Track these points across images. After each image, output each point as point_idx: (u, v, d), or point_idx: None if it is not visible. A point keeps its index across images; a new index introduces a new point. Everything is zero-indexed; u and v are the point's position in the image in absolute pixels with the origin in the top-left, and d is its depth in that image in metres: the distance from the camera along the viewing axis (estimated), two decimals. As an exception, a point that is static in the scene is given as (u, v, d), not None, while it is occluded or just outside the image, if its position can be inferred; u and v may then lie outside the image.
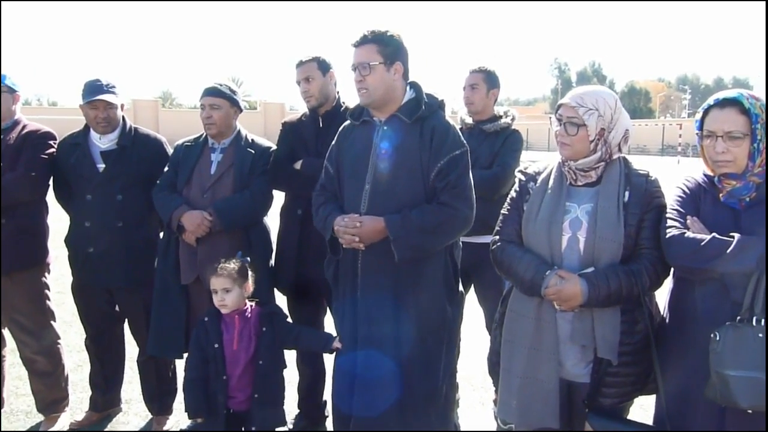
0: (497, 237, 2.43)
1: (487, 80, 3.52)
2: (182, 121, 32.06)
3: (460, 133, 2.62)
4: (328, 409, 3.54)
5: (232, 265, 2.77)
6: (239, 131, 3.25)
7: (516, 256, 2.29)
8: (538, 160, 2.56)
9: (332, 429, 3.31)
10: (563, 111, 2.26)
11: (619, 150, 2.27)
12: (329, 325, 3.29)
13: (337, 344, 2.70)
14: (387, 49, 2.52)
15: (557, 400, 2.23)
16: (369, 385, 2.58)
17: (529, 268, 2.23)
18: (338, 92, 3.23)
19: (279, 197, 3.28)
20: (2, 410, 3.64)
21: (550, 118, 2.36)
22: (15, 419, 3.59)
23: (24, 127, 3.35)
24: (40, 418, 3.52)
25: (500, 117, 3.55)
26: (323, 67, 3.14)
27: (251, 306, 2.84)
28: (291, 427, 3.39)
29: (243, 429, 2.78)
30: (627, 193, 2.21)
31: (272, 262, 3.26)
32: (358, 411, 2.69)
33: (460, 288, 2.76)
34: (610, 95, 2.28)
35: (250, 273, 2.83)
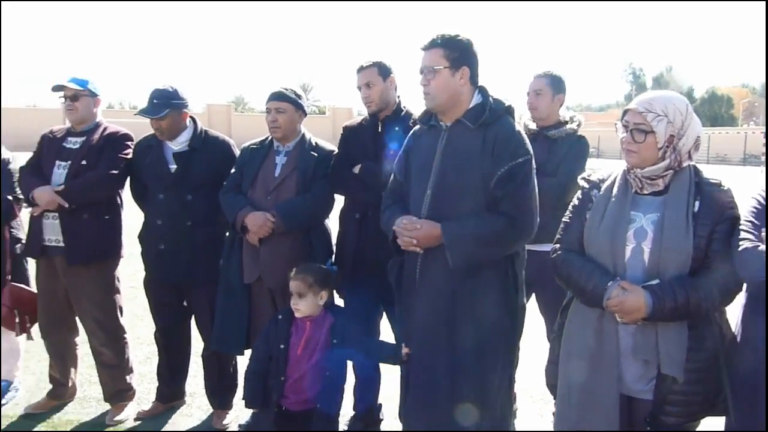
0: (558, 245, 2.37)
1: (552, 85, 3.45)
2: (253, 124, 32.93)
3: (526, 140, 2.57)
4: (383, 413, 3.55)
5: (313, 270, 2.80)
6: (303, 135, 3.31)
7: (577, 266, 2.23)
8: (600, 168, 2.48)
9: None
10: (630, 117, 2.19)
11: (689, 158, 2.18)
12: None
13: (405, 350, 2.66)
14: (453, 53, 2.49)
15: (617, 416, 2.15)
16: (422, 394, 2.56)
17: (590, 278, 2.17)
18: (399, 97, 3.24)
19: (340, 200, 3.32)
20: (76, 396, 3.85)
21: (615, 124, 2.29)
22: (87, 405, 3.78)
23: (105, 129, 3.56)
24: (109, 405, 3.68)
25: (566, 123, 3.47)
26: (384, 72, 3.16)
27: (326, 314, 2.84)
28: (346, 429, 3.41)
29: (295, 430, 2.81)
30: (697, 203, 2.11)
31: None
32: (410, 420, 2.69)
33: (522, 299, 2.69)
34: (681, 100, 2.18)
35: (331, 281, 2.83)
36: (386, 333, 3.34)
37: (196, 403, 3.79)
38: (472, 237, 2.43)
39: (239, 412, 3.63)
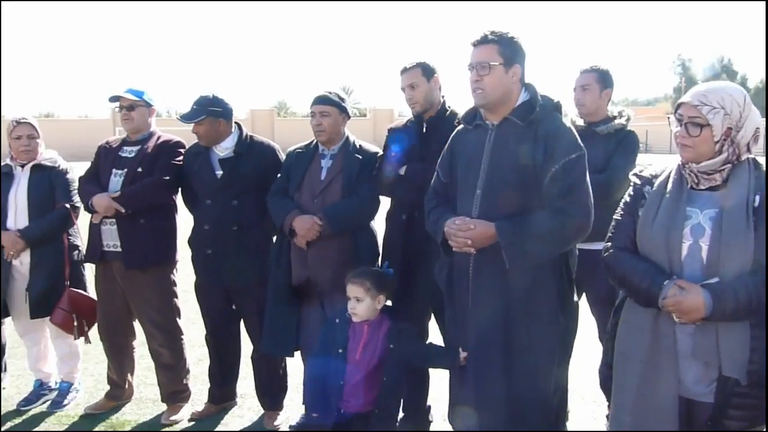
0: (609, 244, 2.31)
1: (599, 80, 3.38)
2: (296, 129, 33.34)
3: (577, 136, 2.52)
4: (432, 414, 3.54)
5: (371, 274, 2.81)
6: (348, 137, 3.33)
7: (630, 265, 2.17)
8: (651, 164, 2.41)
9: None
10: (684, 110, 2.12)
11: (748, 150, 2.09)
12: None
13: (463, 355, 2.63)
14: (507, 50, 2.47)
15: (676, 420, 2.08)
16: (478, 398, 2.54)
17: (645, 277, 2.10)
18: (443, 97, 3.22)
19: (386, 202, 3.32)
20: (133, 397, 3.96)
21: (668, 118, 2.22)
22: (144, 406, 3.89)
23: (159, 137, 3.68)
24: (165, 406, 3.78)
25: (614, 118, 3.39)
26: (427, 72, 3.14)
27: (383, 318, 2.83)
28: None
29: None
30: (757, 198, 2.02)
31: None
32: (463, 423, 2.67)
33: (575, 298, 2.65)
34: (738, 91, 2.10)
35: (388, 285, 2.83)
36: (433, 335, 3.32)
37: (247, 405, 3.85)
38: (528, 236, 2.39)
39: (290, 413, 3.68)
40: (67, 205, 3.77)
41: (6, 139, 3.90)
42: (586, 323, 3.47)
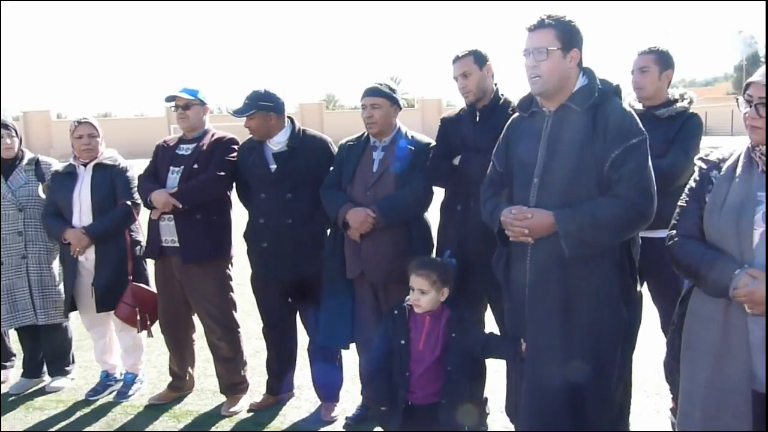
0: (674, 232, 2.22)
1: (659, 61, 3.25)
2: (344, 121, 33.50)
3: (639, 120, 2.44)
4: (489, 407, 3.50)
5: (436, 266, 2.79)
6: (399, 128, 3.31)
7: (697, 253, 2.08)
8: (720, 146, 2.30)
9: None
10: (753, 90, 2.01)
11: (824, 131, 1.97)
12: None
13: (524, 346, 2.59)
14: (565, 34, 2.40)
15: (750, 415, 1.99)
16: (538, 390, 2.50)
17: (713, 266, 2.01)
18: (496, 85, 3.16)
19: (439, 193, 3.29)
20: (194, 389, 4.07)
21: (737, 99, 2.11)
22: (204, 397, 3.99)
23: (213, 135, 3.76)
24: (224, 397, 3.86)
25: (675, 101, 3.25)
26: (480, 60, 3.08)
27: (443, 308, 2.82)
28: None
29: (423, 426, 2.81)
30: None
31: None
32: (522, 417, 2.63)
33: (639, 288, 2.56)
34: None
35: (451, 276, 2.81)
36: (489, 327, 3.28)
37: (305, 396, 3.90)
38: (587, 223, 2.33)
39: (346, 405, 3.71)
40: (129, 202, 3.89)
41: (69, 138, 4.03)
42: (648, 314, 3.37)
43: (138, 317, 3.83)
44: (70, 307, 3.99)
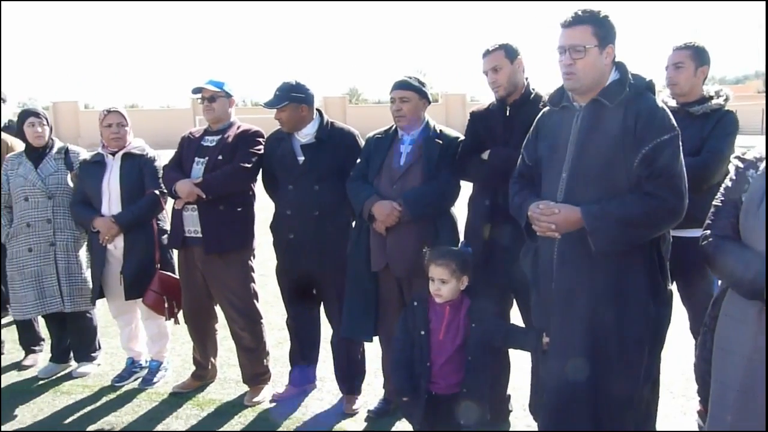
0: (708, 231, 2.17)
1: (694, 57, 3.18)
2: (367, 115, 33.51)
3: (671, 116, 2.39)
4: (512, 404, 3.48)
5: (455, 255, 2.79)
6: (428, 122, 3.29)
7: (733, 254, 2.02)
8: (754, 145, 2.24)
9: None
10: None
11: None
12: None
13: (546, 340, 2.58)
14: (601, 30, 2.35)
15: (783, 419, 1.94)
16: (561, 388, 2.47)
17: (749, 267, 1.96)
18: (527, 79, 3.12)
19: (466, 187, 3.27)
20: (216, 378, 4.11)
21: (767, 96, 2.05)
22: (227, 386, 4.02)
23: (239, 127, 3.77)
24: (247, 387, 3.89)
25: (710, 98, 3.19)
26: (511, 54, 3.04)
27: (463, 297, 2.83)
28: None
29: (446, 415, 2.80)
30: None
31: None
32: (545, 415, 2.60)
33: (669, 286, 2.52)
34: None
35: (469, 264, 2.81)
36: (516, 322, 3.26)
37: (327, 388, 3.92)
38: (615, 219, 2.29)
39: (368, 398, 3.71)
40: (156, 192, 3.93)
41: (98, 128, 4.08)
42: (676, 314, 3.32)
43: (165, 305, 3.88)
44: (98, 295, 4.04)
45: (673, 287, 3.20)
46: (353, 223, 3.45)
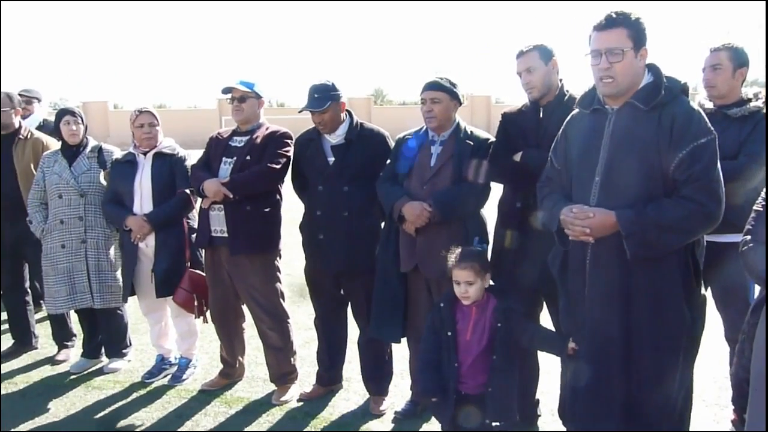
0: (748, 237, 2.13)
1: (733, 58, 3.12)
2: (392, 116, 33.48)
3: (707, 120, 2.35)
4: (540, 408, 3.45)
5: (478, 256, 2.80)
6: (458, 123, 3.28)
7: (774, 260, 1.98)
8: None
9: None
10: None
11: None
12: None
13: (572, 345, 2.57)
14: (635, 32, 2.33)
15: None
16: (594, 394, 2.44)
17: (790, 274, 1.92)
18: (561, 81, 3.09)
19: (496, 189, 3.25)
20: (244, 376, 4.14)
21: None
22: (255, 385, 4.05)
23: (267, 128, 3.78)
24: (274, 386, 3.91)
25: (749, 100, 3.12)
26: (545, 55, 3.01)
27: (489, 297, 2.83)
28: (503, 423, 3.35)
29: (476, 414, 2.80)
30: None
31: (489, 254, 3.24)
32: (577, 422, 2.57)
33: (703, 291, 2.48)
34: None
35: (488, 262, 2.83)
36: (546, 325, 3.22)
37: (353, 388, 3.92)
38: (651, 224, 2.26)
39: (395, 399, 3.70)
40: (187, 191, 3.96)
41: (129, 128, 4.14)
42: (709, 321, 3.26)
43: (195, 303, 3.91)
44: (130, 292, 4.10)
45: (708, 293, 3.16)
46: (383, 224, 3.45)
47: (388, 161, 3.38)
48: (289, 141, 3.76)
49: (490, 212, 3.28)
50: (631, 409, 2.39)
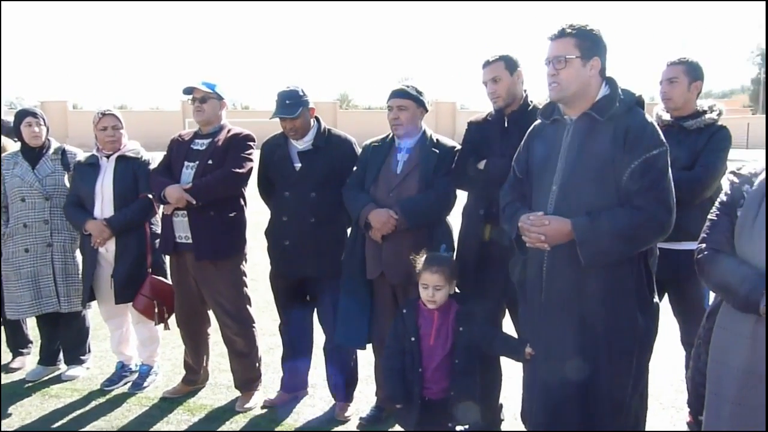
0: (704, 245, 2.20)
1: (688, 72, 3.23)
2: (358, 121, 33.59)
3: (660, 131, 2.43)
4: (504, 413, 3.49)
5: (446, 261, 2.82)
6: (425, 131, 3.31)
7: (728, 268, 2.05)
8: (755, 159, 2.27)
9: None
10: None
11: None
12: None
13: (529, 350, 2.63)
14: (585, 43, 2.41)
15: (777, 431, 1.97)
16: (550, 398, 2.49)
17: (744, 281, 1.99)
18: (525, 91, 3.15)
19: (462, 196, 3.29)
20: (207, 383, 4.08)
21: (752, 111, 2.09)
22: (218, 391, 4.00)
23: (229, 130, 3.74)
24: (238, 392, 3.87)
25: (704, 112, 3.24)
26: (511, 66, 3.07)
27: (451, 302, 2.86)
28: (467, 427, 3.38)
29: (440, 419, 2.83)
30: None
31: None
32: (535, 424, 2.62)
33: (656, 299, 2.56)
34: None
35: (456, 268, 2.87)
36: (508, 331, 3.27)
37: (318, 394, 3.90)
38: (605, 233, 2.33)
39: (360, 405, 3.71)
40: (150, 195, 3.90)
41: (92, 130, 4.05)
42: (664, 326, 3.35)
43: (155, 310, 3.85)
44: (89, 298, 4.01)
45: (664, 299, 3.26)
46: (349, 231, 3.45)
47: (355, 168, 3.39)
48: (252, 144, 3.72)
49: (455, 219, 3.32)
50: (587, 413, 2.45)
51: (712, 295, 2.35)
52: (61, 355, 4.36)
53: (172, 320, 3.96)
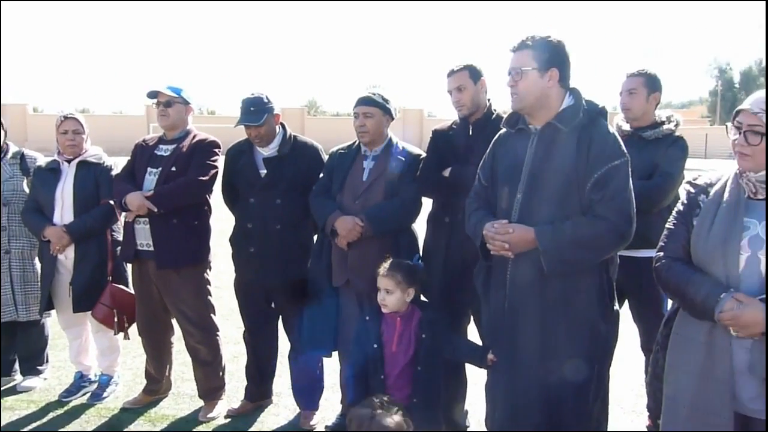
0: (661, 253, 2.26)
1: (647, 84, 3.32)
2: (326, 128, 33.50)
3: (621, 142, 2.49)
4: (469, 420, 3.51)
5: (402, 267, 2.83)
6: (391, 139, 3.32)
7: (684, 276, 2.11)
8: (713, 169, 2.34)
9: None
10: (743, 118, 2.05)
11: (812, 160, 2.02)
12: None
13: (491, 357, 2.65)
14: (542, 55, 2.45)
15: (731, 436, 2.02)
16: (512, 404, 2.52)
17: (700, 289, 2.05)
18: (489, 100, 3.19)
19: (427, 204, 3.31)
20: (170, 392, 4.01)
21: (726, 125, 2.16)
22: (181, 401, 3.93)
23: (194, 136, 3.68)
24: (201, 402, 3.81)
25: (662, 123, 3.33)
26: (475, 75, 3.12)
27: (414, 309, 2.86)
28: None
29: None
30: (821, 209, 1.96)
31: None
32: (501, 428, 2.64)
33: (616, 306, 2.61)
34: None
35: (418, 277, 2.87)
36: (473, 338, 3.30)
37: (283, 403, 3.87)
38: (568, 241, 2.37)
39: (325, 413, 3.68)
40: (111, 202, 3.81)
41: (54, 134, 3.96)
42: (625, 332, 3.42)
43: (115, 319, 3.76)
44: (47, 306, 3.91)
45: (624, 306, 3.33)
46: (315, 238, 3.44)
47: (321, 174, 3.38)
48: (217, 150, 3.68)
49: (420, 226, 3.34)
50: (550, 418, 2.48)
51: (670, 302, 2.41)
52: (16, 365, 4.23)
53: (133, 329, 3.88)
